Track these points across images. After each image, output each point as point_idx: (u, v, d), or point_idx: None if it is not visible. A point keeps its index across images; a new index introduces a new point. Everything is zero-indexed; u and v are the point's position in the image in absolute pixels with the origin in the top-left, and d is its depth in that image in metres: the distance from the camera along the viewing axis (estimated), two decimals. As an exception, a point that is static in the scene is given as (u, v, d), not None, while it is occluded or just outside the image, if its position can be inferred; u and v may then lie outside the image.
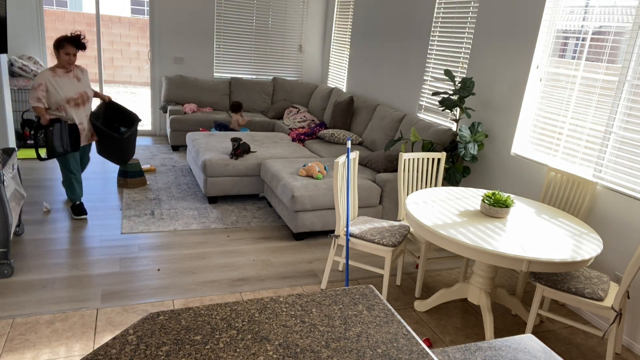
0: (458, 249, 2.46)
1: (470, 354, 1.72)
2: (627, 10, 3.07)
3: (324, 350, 1.25)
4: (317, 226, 3.95)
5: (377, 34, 5.87)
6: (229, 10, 6.80)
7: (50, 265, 3.24)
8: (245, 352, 1.21)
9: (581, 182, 3.20)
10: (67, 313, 2.76)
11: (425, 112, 5.02)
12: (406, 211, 2.81)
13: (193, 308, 1.37)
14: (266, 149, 4.89)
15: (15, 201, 3.26)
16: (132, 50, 12.28)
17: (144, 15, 15.34)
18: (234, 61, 7.06)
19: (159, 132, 6.97)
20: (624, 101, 3.05)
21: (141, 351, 1.18)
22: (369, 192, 4.07)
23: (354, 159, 3.26)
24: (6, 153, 3.32)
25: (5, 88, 4.33)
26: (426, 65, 4.96)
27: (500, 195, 2.82)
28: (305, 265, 3.59)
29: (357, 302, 1.49)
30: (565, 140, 3.49)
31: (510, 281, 3.68)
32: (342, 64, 6.87)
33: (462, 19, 4.46)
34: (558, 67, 3.55)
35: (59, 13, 11.56)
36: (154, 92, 6.77)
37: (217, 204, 4.59)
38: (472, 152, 3.86)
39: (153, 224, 4.01)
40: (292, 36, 7.27)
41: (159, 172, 5.33)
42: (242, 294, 3.13)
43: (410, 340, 1.33)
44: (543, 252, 2.40)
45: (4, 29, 4.05)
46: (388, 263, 3.01)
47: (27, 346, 2.45)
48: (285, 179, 3.99)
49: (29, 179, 4.80)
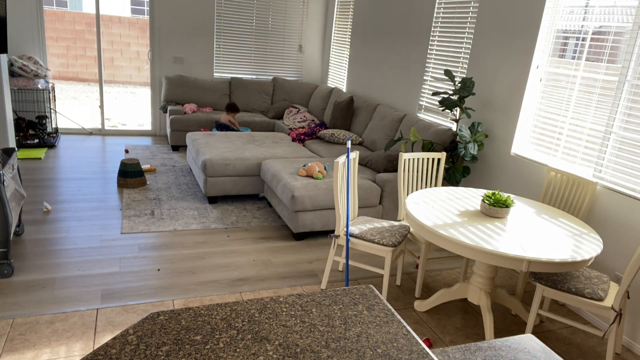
0: (458, 249, 2.46)
1: (470, 354, 1.72)
2: (627, 10, 3.07)
3: (324, 350, 1.25)
4: (317, 226, 3.95)
5: (377, 34, 5.87)
6: (229, 10, 6.80)
7: (50, 265, 3.24)
8: (245, 352, 1.21)
9: (581, 182, 3.20)
10: (67, 313, 2.76)
11: (425, 112, 5.02)
12: (406, 211, 2.81)
13: (193, 308, 1.37)
14: (266, 149, 4.89)
15: (15, 201, 3.26)
16: (132, 50, 12.28)
17: (144, 15, 15.33)
18: (234, 61, 7.06)
19: (159, 132, 6.97)
20: (624, 101, 3.05)
21: (141, 351, 1.18)
22: (369, 192, 4.07)
23: (354, 159, 3.26)
24: (6, 153, 3.32)
25: (5, 88, 4.34)
26: (426, 65, 4.96)
27: (500, 195, 2.82)
28: (305, 265, 3.59)
29: (357, 302, 1.49)
30: (565, 140, 3.49)
31: (510, 281, 3.68)
32: (342, 64, 6.87)
33: (462, 19, 4.46)
34: (558, 67, 3.55)
35: (59, 13, 11.56)
36: (154, 92, 6.77)
37: (217, 204, 4.59)
38: (472, 152, 3.86)
39: (153, 224, 4.01)
40: (292, 36, 7.27)
41: (159, 172, 5.33)
42: (242, 294, 3.13)
43: (410, 340, 1.33)
44: (543, 252, 2.40)
45: (4, 29, 4.05)
46: (388, 263, 3.01)
47: (27, 346, 2.45)
48: (285, 179, 3.98)
49: (29, 179, 4.80)
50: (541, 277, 2.70)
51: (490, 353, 1.73)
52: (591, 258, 2.43)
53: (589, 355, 2.84)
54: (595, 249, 2.50)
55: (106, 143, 6.34)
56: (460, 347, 1.76)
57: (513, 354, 1.74)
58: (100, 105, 6.68)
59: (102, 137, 6.60)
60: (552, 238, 2.59)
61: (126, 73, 12.45)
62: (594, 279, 2.73)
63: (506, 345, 1.79)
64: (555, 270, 2.37)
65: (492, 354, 1.72)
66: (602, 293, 2.57)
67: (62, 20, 11.56)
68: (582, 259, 2.38)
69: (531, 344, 1.81)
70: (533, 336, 1.87)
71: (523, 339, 1.84)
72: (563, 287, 2.61)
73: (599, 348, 2.92)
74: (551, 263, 2.34)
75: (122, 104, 10.30)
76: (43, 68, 5.91)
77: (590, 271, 2.83)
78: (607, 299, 2.58)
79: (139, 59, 12.42)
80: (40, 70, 5.83)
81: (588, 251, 2.46)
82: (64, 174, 5.03)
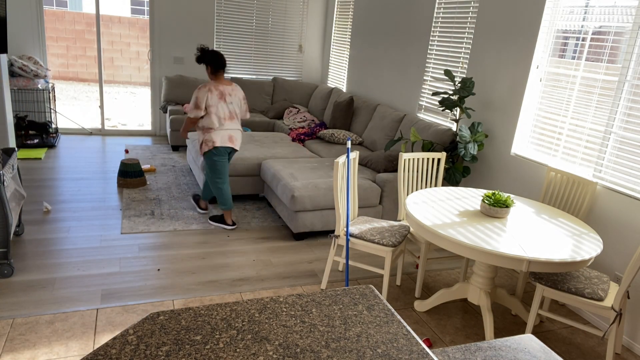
0: (458, 249, 2.46)
1: (470, 354, 1.72)
2: (627, 10, 3.07)
3: (324, 350, 1.25)
4: (317, 226, 3.95)
5: (377, 33, 5.87)
6: (229, 10, 6.80)
7: (50, 265, 3.24)
8: (245, 352, 1.21)
9: (581, 182, 3.20)
10: (67, 313, 2.76)
11: (425, 112, 5.02)
12: (406, 211, 2.81)
13: (193, 308, 1.37)
14: (266, 149, 4.88)
15: (15, 201, 3.26)
16: (132, 50, 12.28)
17: (144, 15, 15.34)
18: (234, 61, 7.06)
19: (159, 132, 6.97)
20: (624, 101, 3.05)
21: (141, 351, 1.18)
22: (369, 192, 4.07)
23: (354, 159, 3.26)
24: (6, 153, 3.32)
25: (5, 88, 4.33)
26: (426, 65, 4.96)
27: (500, 195, 2.82)
28: (305, 265, 3.59)
29: (357, 302, 1.49)
30: (565, 140, 3.49)
31: (510, 281, 3.68)
32: (342, 64, 6.87)
33: (462, 19, 4.46)
34: (558, 67, 3.55)
35: (59, 13, 11.57)
36: (153, 92, 6.77)
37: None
38: (472, 152, 3.86)
39: (153, 224, 4.01)
40: (292, 36, 7.27)
41: (159, 172, 5.33)
42: (242, 294, 3.13)
43: (410, 340, 1.33)
44: (543, 252, 2.40)
45: (4, 29, 4.05)
46: (388, 263, 3.01)
47: (27, 346, 2.45)
48: (285, 179, 3.98)
49: (29, 179, 4.80)
50: (541, 277, 2.70)
51: (490, 353, 1.73)
52: (591, 258, 2.43)
53: (589, 355, 2.84)
54: (595, 249, 2.50)
55: (106, 143, 6.34)
56: (460, 347, 1.76)
57: (513, 354, 1.74)
58: (100, 105, 6.69)
59: (102, 137, 6.60)
60: (552, 238, 2.59)
61: (126, 73, 12.45)
62: (594, 279, 2.73)
63: (506, 345, 1.79)
64: (555, 270, 2.37)
65: (492, 354, 1.72)
66: (602, 293, 2.57)
67: (62, 20, 11.56)
68: (582, 259, 2.38)
69: (531, 344, 1.81)
70: (533, 336, 1.87)
71: (523, 339, 1.84)
72: (563, 287, 2.61)
73: (599, 348, 2.92)
74: (551, 263, 2.34)
75: (122, 104, 10.30)
76: (43, 68, 5.91)
77: (590, 271, 2.83)
78: (607, 299, 2.58)
79: (139, 59, 12.42)
80: (40, 70, 5.83)
81: (588, 251, 2.46)
82: (64, 174, 5.03)
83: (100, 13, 6.44)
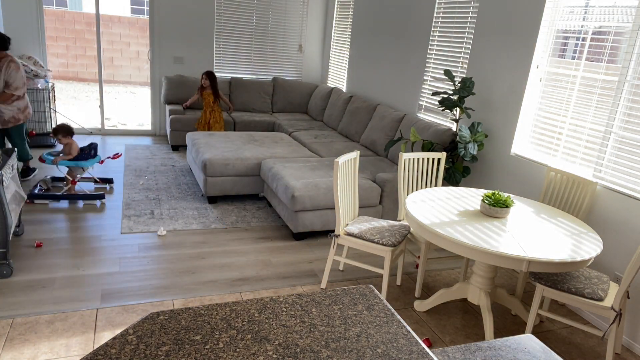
0: (458, 249, 2.46)
1: (470, 354, 1.72)
2: (627, 10, 3.07)
3: (324, 350, 1.25)
4: (317, 226, 3.95)
5: (377, 33, 5.87)
6: (229, 10, 6.80)
7: (50, 265, 3.24)
8: (245, 352, 1.21)
9: (581, 182, 3.20)
10: (67, 313, 2.76)
11: (425, 112, 5.02)
12: (406, 211, 2.81)
13: (193, 308, 1.37)
14: (266, 148, 4.88)
15: (16, 202, 3.26)
16: (132, 50, 12.28)
17: (144, 15, 15.33)
18: (234, 61, 7.06)
19: (159, 132, 6.97)
20: (624, 101, 3.05)
21: (141, 351, 1.18)
22: (369, 192, 4.07)
23: (354, 158, 3.26)
24: (6, 153, 3.32)
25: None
26: (426, 65, 4.96)
27: (500, 195, 2.82)
28: (305, 265, 3.59)
29: (357, 302, 1.49)
30: (565, 140, 3.49)
31: (510, 281, 3.68)
32: (342, 64, 6.87)
33: (462, 19, 4.46)
34: (558, 67, 3.55)
35: (59, 13, 11.56)
36: (153, 92, 6.77)
37: (216, 203, 4.59)
38: (472, 152, 3.86)
39: (153, 223, 4.01)
40: (292, 36, 7.27)
41: (159, 172, 5.33)
42: (242, 294, 3.13)
43: (410, 340, 1.33)
44: (543, 252, 2.40)
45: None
46: (388, 263, 3.02)
47: (26, 346, 2.45)
48: (285, 178, 3.98)
49: (29, 178, 4.80)
50: (541, 277, 2.70)
51: (490, 353, 1.73)
52: (591, 258, 2.43)
53: (588, 355, 2.84)
54: (595, 249, 2.50)
55: (106, 143, 6.34)
56: (460, 347, 1.76)
57: (513, 354, 1.74)
58: (100, 105, 6.68)
59: (102, 137, 6.60)
60: (552, 238, 2.59)
61: (126, 73, 12.45)
62: (594, 279, 2.73)
63: (506, 345, 1.79)
64: (555, 270, 2.37)
65: (492, 354, 1.73)
66: (602, 293, 2.57)
67: (62, 20, 11.56)
68: (582, 259, 2.38)
69: (531, 344, 1.81)
70: (533, 336, 1.87)
71: (523, 339, 1.84)
72: (563, 287, 2.61)
73: (599, 348, 2.92)
74: (551, 263, 2.34)
75: (122, 103, 10.30)
76: (43, 68, 5.91)
77: (590, 271, 2.83)
78: (607, 299, 2.58)
79: (138, 59, 12.42)
80: (40, 70, 5.82)
81: (588, 251, 2.46)
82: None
83: (100, 13, 6.44)
